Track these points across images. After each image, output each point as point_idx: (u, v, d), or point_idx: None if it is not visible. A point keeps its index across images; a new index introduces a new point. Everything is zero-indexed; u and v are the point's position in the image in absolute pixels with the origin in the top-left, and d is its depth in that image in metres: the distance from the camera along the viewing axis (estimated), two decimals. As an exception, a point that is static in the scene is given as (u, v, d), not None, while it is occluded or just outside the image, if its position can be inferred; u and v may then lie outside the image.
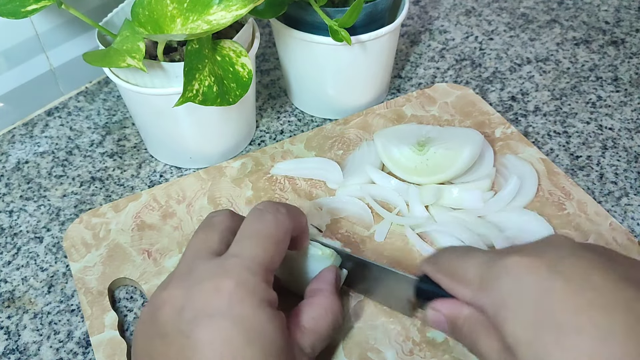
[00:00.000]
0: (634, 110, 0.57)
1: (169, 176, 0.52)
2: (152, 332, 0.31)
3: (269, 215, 0.34)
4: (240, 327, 0.29)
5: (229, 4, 0.41)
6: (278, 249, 0.33)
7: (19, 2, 0.43)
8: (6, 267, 0.46)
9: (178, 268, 0.33)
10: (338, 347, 0.38)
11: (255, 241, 0.32)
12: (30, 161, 0.54)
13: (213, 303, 0.30)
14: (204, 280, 0.31)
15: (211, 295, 0.30)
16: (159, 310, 0.31)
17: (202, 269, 0.31)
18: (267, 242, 0.33)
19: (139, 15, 0.42)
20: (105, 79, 0.63)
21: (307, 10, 0.48)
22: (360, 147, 0.51)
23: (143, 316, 0.32)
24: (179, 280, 0.32)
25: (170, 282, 0.32)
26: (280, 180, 0.49)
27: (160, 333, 0.30)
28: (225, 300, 0.30)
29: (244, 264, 0.31)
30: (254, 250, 0.32)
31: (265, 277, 0.31)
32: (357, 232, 0.45)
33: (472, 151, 0.46)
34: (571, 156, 0.53)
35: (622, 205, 0.48)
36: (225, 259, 0.32)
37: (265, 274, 0.31)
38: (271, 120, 0.57)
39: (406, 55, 0.65)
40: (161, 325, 0.30)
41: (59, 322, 0.42)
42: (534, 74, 0.62)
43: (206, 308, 0.30)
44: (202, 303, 0.30)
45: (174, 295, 0.31)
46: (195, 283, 0.31)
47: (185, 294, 0.30)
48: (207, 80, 0.41)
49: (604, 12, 0.70)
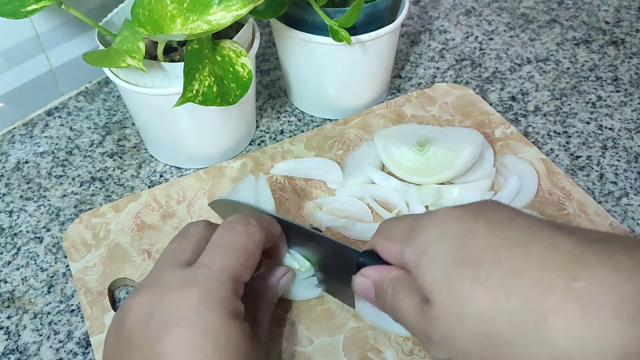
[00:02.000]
0: (634, 110, 0.57)
1: (169, 176, 0.52)
2: (119, 339, 0.31)
3: (240, 227, 0.34)
4: (207, 336, 0.29)
5: (229, 4, 0.41)
6: (248, 260, 0.33)
7: (19, 2, 0.43)
8: (6, 267, 0.46)
9: (148, 276, 0.33)
10: (338, 347, 0.38)
11: (226, 252, 0.33)
12: (30, 161, 0.54)
13: (181, 311, 0.30)
14: (172, 289, 0.31)
15: (179, 303, 0.30)
16: (127, 315, 0.31)
17: (171, 277, 0.31)
18: (238, 253, 0.33)
19: (139, 15, 0.42)
20: (105, 79, 0.63)
21: (307, 10, 0.48)
22: (360, 147, 0.51)
23: (112, 323, 0.32)
24: (148, 287, 0.32)
25: (140, 289, 0.32)
26: (280, 180, 0.49)
27: (127, 339, 0.30)
28: (193, 309, 0.29)
29: (213, 275, 0.31)
30: (223, 261, 0.32)
31: (234, 289, 0.31)
32: (357, 232, 0.45)
33: (472, 151, 0.46)
34: (571, 156, 0.53)
35: (622, 205, 0.48)
36: (195, 268, 0.32)
37: (234, 285, 0.32)
38: (271, 120, 0.57)
39: (406, 55, 0.65)
40: (128, 331, 0.30)
41: (59, 322, 0.42)
42: (534, 74, 0.62)
43: (174, 316, 0.29)
44: (170, 311, 0.30)
45: (142, 301, 0.31)
46: (164, 290, 0.31)
47: (154, 301, 0.30)
48: (207, 80, 0.41)
49: (604, 12, 0.70)
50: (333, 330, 0.39)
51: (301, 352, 0.38)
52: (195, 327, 0.29)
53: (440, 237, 0.29)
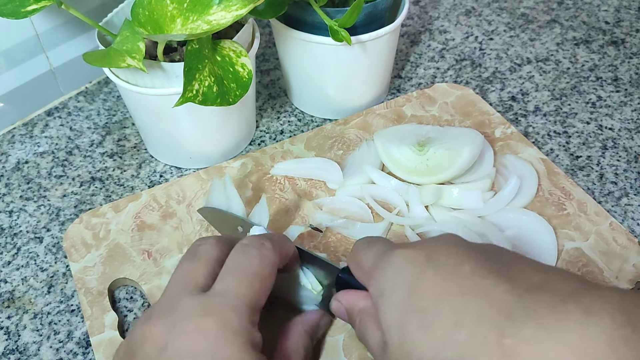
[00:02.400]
0: (634, 110, 0.57)
1: (169, 176, 0.52)
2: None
3: (254, 251, 0.33)
4: None
5: (229, 4, 0.41)
6: (263, 286, 0.32)
7: (19, 2, 0.43)
8: (6, 267, 0.46)
9: (160, 301, 0.32)
10: (338, 347, 0.38)
11: (241, 278, 0.32)
12: (30, 161, 0.54)
13: (197, 344, 0.28)
14: (187, 319, 0.29)
15: (195, 335, 0.29)
16: (140, 347, 0.29)
17: (186, 305, 0.30)
18: (253, 279, 0.32)
19: (139, 15, 0.42)
20: (105, 79, 0.63)
21: (307, 10, 0.48)
22: (360, 147, 0.51)
23: (121, 349, 0.31)
24: (162, 315, 0.30)
25: (151, 316, 0.31)
26: (280, 180, 0.49)
27: None
28: (210, 342, 0.29)
29: (228, 304, 0.30)
30: (239, 288, 0.31)
31: (251, 318, 0.31)
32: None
33: (472, 151, 0.46)
34: (571, 156, 0.53)
35: (622, 205, 0.48)
36: (210, 297, 0.31)
37: (250, 313, 0.31)
38: (271, 120, 0.57)
39: (406, 55, 0.65)
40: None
41: (59, 322, 0.42)
42: (534, 74, 0.62)
43: (190, 349, 0.28)
44: (185, 343, 0.29)
45: (156, 332, 0.29)
46: (178, 320, 0.30)
47: (168, 332, 0.29)
48: (207, 81, 0.41)
49: (604, 12, 0.70)
50: (333, 330, 0.39)
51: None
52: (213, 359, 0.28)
53: (396, 281, 0.30)
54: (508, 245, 0.43)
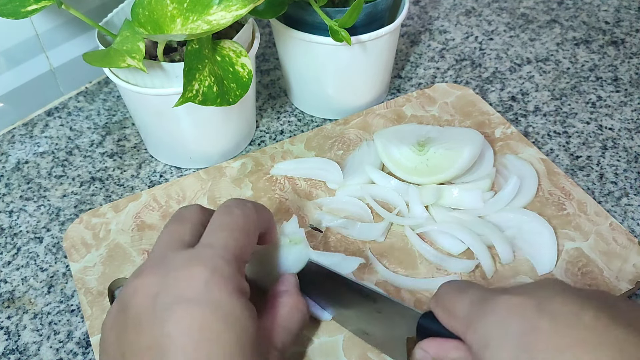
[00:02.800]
0: (634, 110, 0.57)
1: (169, 176, 0.52)
2: (123, 322, 0.30)
3: (237, 210, 0.34)
4: (217, 313, 0.29)
5: (229, 4, 0.41)
6: (248, 239, 0.33)
7: (19, 2, 0.43)
8: (6, 267, 0.46)
9: (150, 258, 0.33)
10: (338, 347, 0.38)
11: (227, 232, 0.33)
12: (30, 161, 0.54)
13: (189, 289, 0.29)
14: (179, 268, 0.30)
15: (187, 281, 0.30)
16: (132, 298, 0.30)
17: (175, 257, 0.31)
18: (238, 233, 0.33)
19: (139, 15, 0.42)
20: (105, 79, 0.63)
21: (307, 10, 0.48)
22: (360, 147, 0.51)
23: (113, 307, 0.31)
24: (153, 268, 0.31)
25: (143, 270, 0.31)
26: (280, 180, 0.49)
27: (133, 321, 0.29)
28: (201, 287, 0.29)
29: (217, 253, 0.31)
30: (226, 240, 0.32)
31: (238, 267, 0.32)
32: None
33: (472, 151, 0.46)
34: (571, 156, 0.53)
35: (622, 205, 0.48)
36: (199, 248, 0.32)
37: (238, 263, 0.32)
38: (271, 120, 0.57)
39: (406, 55, 0.65)
40: (133, 313, 0.30)
41: (59, 323, 0.42)
42: (534, 74, 0.62)
43: (182, 294, 0.29)
44: (178, 289, 0.29)
45: (148, 282, 0.30)
46: (169, 271, 0.30)
47: (160, 281, 0.30)
48: (207, 81, 0.41)
49: (604, 12, 0.70)
50: (333, 330, 0.39)
51: (301, 352, 0.38)
52: (205, 303, 0.29)
53: (502, 333, 0.28)
54: (508, 245, 0.43)
